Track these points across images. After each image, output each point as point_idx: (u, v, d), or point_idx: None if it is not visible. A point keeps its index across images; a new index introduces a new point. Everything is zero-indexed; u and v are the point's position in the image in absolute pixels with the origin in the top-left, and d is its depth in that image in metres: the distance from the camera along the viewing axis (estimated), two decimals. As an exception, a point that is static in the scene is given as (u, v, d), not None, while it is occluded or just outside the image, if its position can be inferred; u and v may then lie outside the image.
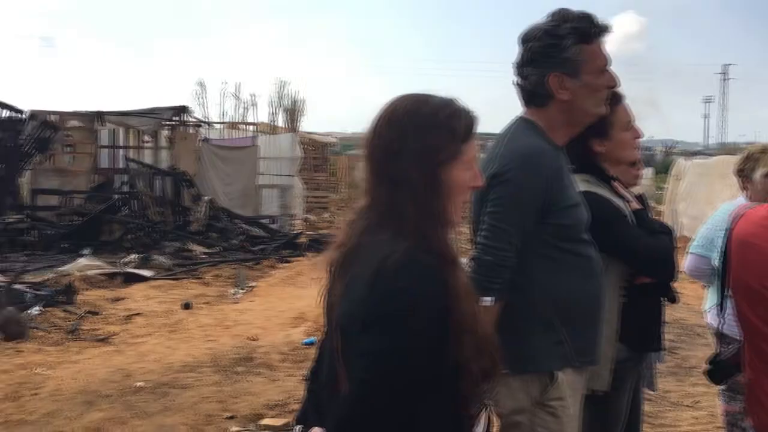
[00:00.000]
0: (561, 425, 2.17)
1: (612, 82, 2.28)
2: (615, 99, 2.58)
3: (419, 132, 1.54)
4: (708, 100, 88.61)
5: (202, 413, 5.16)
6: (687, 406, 5.36)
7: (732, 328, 2.45)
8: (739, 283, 2.26)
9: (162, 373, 6.12)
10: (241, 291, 10.04)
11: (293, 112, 25.41)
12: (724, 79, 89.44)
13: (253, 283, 10.58)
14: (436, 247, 1.50)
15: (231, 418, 5.09)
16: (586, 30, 2.22)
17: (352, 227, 1.60)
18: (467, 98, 1.63)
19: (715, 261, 3.16)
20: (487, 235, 2.15)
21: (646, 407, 5.19)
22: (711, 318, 3.51)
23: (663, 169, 29.76)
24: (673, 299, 2.74)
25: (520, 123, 2.30)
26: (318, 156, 25.44)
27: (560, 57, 2.19)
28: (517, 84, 2.32)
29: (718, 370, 2.41)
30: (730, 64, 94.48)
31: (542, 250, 2.18)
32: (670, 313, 8.42)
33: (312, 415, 1.69)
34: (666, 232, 2.66)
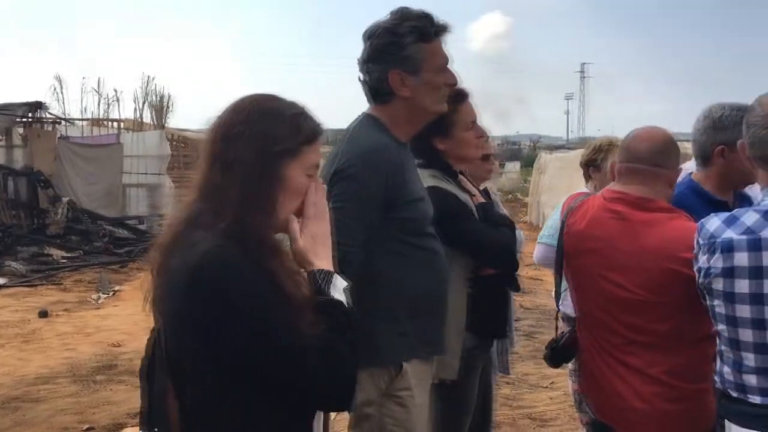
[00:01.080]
0: (408, 414, 2.22)
1: (451, 81, 2.34)
2: (459, 98, 2.67)
3: (263, 119, 1.54)
4: (569, 97, 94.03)
5: (57, 427, 4.90)
6: (544, 387, 5.66)
7: (572, 312, 2.60)
8: (576, 270, 2.40)
9: (13, 387, 5.75)
10: (103, 296, 9.58)
11: (160, 109, 24.43)
12: (583, 77, 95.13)
13: (118, 287, 10.12)
14: (255, 235, 1.49)
15: (89, 429, 4.87)
16: (426, 29, 2.27)
17: (174, 222, 1.56)
18: (341, 92, 1.64)
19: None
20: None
21: (506, 390, 5.46)
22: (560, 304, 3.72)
23: (529, 162, 31.24)
24: (517, 288, 2.88)
25: (364, 119, 2.32)
26: (190, 153, 24.63)
27: (400, 54, 2.23)
28: (362, 80, 2.34)
29: (556, 355, 2.56)
30: (587, 63, 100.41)
31: (387, 244, 2.21)
32: (531, 299, 8.90)
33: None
34: (508, 224, 2.78)
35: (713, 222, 1.88)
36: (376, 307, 2.22)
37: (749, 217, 1.81)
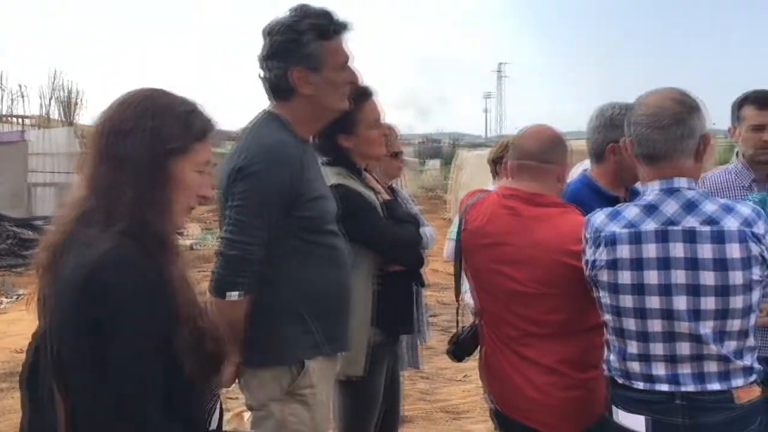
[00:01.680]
0: (311, 412, 2.22)
1: (352, 78, 2.35)
2: (363, 96, 2.68)
3: (153, 116, 1.52)
4: (488, 96, 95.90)
5: (-47, 439, 4.64)
6: (459, 380, 5.77)
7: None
8: (474, 266, 2.45)
9: None
10: (7, 300, 9.15)
11: (69, 104, 23.45)
12: (500, 77, 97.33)
13: (23, 291, 9.67)
14: (150, 235, 1.46)
15: (-12, 440, 4.63)
16: (325, 27, 2.26)
17: (64, 220, 1.51)
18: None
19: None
20: (232, 229, 2.13)
21: (423, 385, 5.54)
22: (468, 298, 3.81)
23: (450, 160, 31.70)
24: (422, 284, 2.92)
25: (265, 116, 2.30)
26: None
27: (301, 52, 2.22)
28: (262, 77, 2.32)
29: (458, 350, 2.61)
30: (504, 63, 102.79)
31: (289, 242, 2.21)
32: (449, 295, 8.96)
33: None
34: (412, 221, 2.82)
35: (598, 216, 1.96)
36: (278, 306, 2.21)
37: (630, 212, 1.90)
